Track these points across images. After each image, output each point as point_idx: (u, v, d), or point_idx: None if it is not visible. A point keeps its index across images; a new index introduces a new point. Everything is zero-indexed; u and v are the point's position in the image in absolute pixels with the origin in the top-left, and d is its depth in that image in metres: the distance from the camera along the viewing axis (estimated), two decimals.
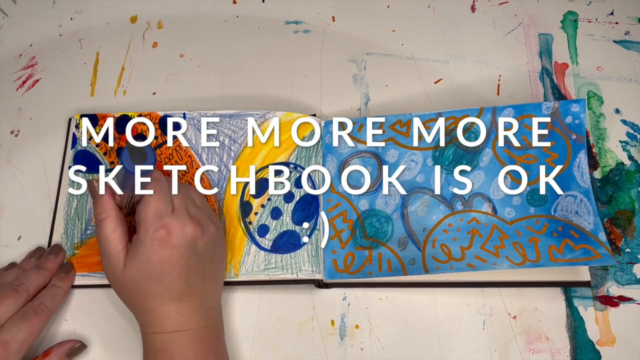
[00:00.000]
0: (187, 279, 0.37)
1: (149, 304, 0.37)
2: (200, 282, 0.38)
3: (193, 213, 0.38)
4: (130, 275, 0.37)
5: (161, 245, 0.36)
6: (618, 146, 0.48)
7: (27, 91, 0.54)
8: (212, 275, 0.40)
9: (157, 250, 0.36)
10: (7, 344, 0.37)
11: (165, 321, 0.37)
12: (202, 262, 0.38)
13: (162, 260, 0.36)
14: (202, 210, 0.40)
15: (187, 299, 0.37)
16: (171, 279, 0.37)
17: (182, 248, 0.37)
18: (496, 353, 0.42)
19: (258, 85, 0.53)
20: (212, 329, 0.39)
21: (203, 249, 0.38)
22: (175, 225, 0.36)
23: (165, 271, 0.36)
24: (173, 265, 0.36)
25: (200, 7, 0.58)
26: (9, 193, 0.49)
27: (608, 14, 0.55)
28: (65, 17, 0.58)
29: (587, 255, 0.40)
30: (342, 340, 0.43)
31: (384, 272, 0.43)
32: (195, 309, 0.38)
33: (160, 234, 0.36)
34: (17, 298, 0.39)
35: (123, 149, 0.32)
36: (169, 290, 0.37)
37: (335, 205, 0.46)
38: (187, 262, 0.37)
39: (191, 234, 0.37)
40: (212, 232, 0.39)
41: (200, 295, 0.38)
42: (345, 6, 0.57)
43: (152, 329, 0.37)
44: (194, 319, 0.37)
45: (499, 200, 0.45)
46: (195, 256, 0.37)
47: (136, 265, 0.36)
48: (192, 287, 0.38)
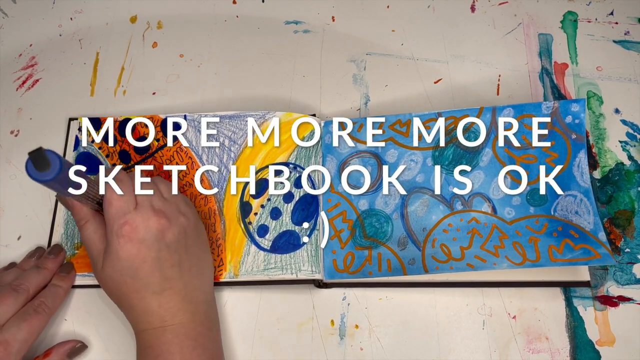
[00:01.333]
0: (162, 271, 0.37)
1: (130, 300, 0.37)
2: (177, 274, 0.38)
3: (158, 206, 0.38)
4: (107, 273, 0.37)
5: (127, 241, 0.36)
6: (618, 146, 0.48)
7: (27, 91, 0.54)
8: (191, 266, 0.39)
9: (124, 247, 0.36)
10: (8, 343, 0.37)
11: (148, 317, 0.37)
12: (176, 254, 0.38)
13: (131, 256, 0.36)
14: (170, 203, 0.39)
15: (167, 292, 0.37)
16: (143, 273, 0.37)
17: (148, 241, 0.36)
18: (496, 353, 0.42)
19: (258, 85, 0.53)
20: (199, 324, 0.38)
21: (173, 240, 0.38)
22: (138, 220, 0.36)
23: (135, 266, 0.36)
24: (143, 260, 0.36)
25: (200, 7, 0.58)
26: (9, 193, 0.49)
27: (608, 14, 0.55)
28: (65, 17, 0.58)
29: (586, 255, 0.40)
30: (341, 340, 0.43)
31: (384, 272, 0.43)
32: (177, 303, 0.38)
33: (125, 230, 0.36)
34: (17, 298, 0.39)
35: (27, 161, 0.31)
36: (146, 284, 0.37)
37: (335, 205, 0.46)
38: (156, 254, 0.37)
39: (156, 227, 0.37)
40: (182, 223, 0.39)
41: (182, 288, 0.38)
42: (345, 6, 0.57)
43: (140, 326, 0.38)
44: (177, 312, 0.37)
45: (499, 200, 0.45)
46: (165, 248, 0.37)
47: (109, 264, 0.37)
48: (170, 280, 0.38)
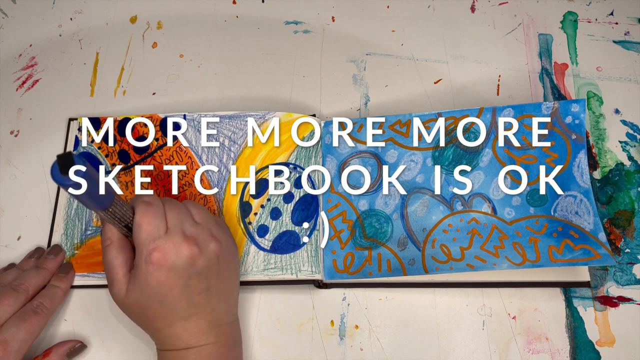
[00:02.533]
0: (190, 298, 0.36)
1: (156, 325, 0.37)
2: (205, 300, 0.37)
3: (189, 232, 0.37)
4: (132, 299, 0.36)
5: (156, 268, 0.35)
6: (618, 146, 0.48)
7: (27, 91, 0.54)
8: (219, 292, 0.38)
9: (153, 274, 0.35)
10: (7, 343, 0.37)
11: (174, 340, 0.37)
12: (206, 281, 0.37)
13: (160, 283, 0.35)
14: (202, 227, 0.38)
15: (193, 317, 0.37)
16: (172, 300, 0.36)
17: (178, 269, 0.36)
18: (496, 353, 0.42)
19: (258, 85, 0.53)
20: (222, 345, 0.38)
21: (204, 267, 0.37)
22: (168, 247, 0.35)
23: (164, 293, 0.36)
24: (171, 287, 0.36)
25: (200, 7, 0.58)
26: (9, 193, 0.49)
27: (608, 14, 0.55)
28: (65, 17, 0.58)
29: (586, 256, 0.40)
30: (341, 340, 0.43)
31: (384, 273, 0.43)
32: (203, 328, 0.37)
33: (155, 257, 0.35)
34: (16, 298, 0.39)
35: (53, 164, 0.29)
36: (173, 311, 0.36)
37: (335, 206, 0.46)
38: (186, 282, 0.36)
39: (187, 255, 0.36)
40: (213, 249, 0.37)
41: (208, 313, 0.38)
42: (345, 6, 0.57)
43: (163, 347, 0.37)
44: (202, 337, 0.37)
45: (499, 201, 0.45)
46: (195, 276, 0.36)
47: (136, 289, 0.36)
48: (198, 307, 0.37)
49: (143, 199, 0.37)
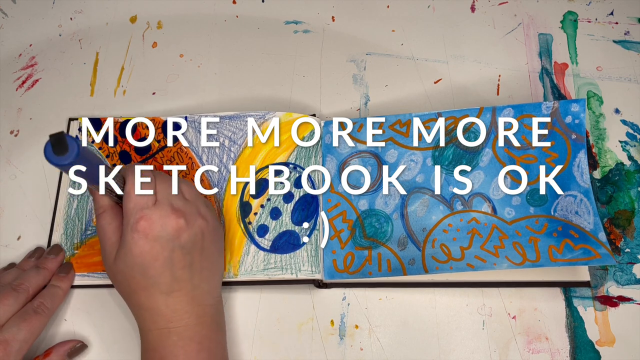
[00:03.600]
0: (172, 272, 0.37)
1: (139, 298, 0.37)
2: (188, 276, 0.37)
3: (177, 205, 0.37)
4: (118, 266, 0.37)
5: (141, 237, 0.36)
6: (618, 146, 0.48)
7: (27, 91, 0.54)
8: (202, 270, 0.39)
9: (138, 242, 0.36)
10: (7, 343, 0.37)
11: (155, 316, 0.37)
12: (189, 256, 0.37)
13: (143, 252, 0.36)
14: (191, 204, 0.38)
15: (175, 293, 0.37)
16: (154, 271, 0.36)
17: (163, 240, 0.36)
18: (496, 353, 0.42)
19: (258, 85, 0.53)
20: (205, 327, 0.38)
21: (188, 242, 0.37)
22: (155, 217, 0.36)
23: (147, 264, 0.36)
24: (155, 258, 0.36)
25: (200, 7, 0.58)
26: (9, 193, 0.49)
27: (608, 14, 0.55)
28: (65, 17, 0.58)
29: (586, 255, 0.40)
30: (341, 340, 0.43)
31: (384, 272, 0.43)
32: (185, 305, 0.37)
33: (140, 226, 0.35)
34: (17, 298, 0.39)
35: (46, 144, 0.30)
36: (155, 283, 0.36)
37: (334, 205, 0.46)
38: (169, 254, 0.36)
39: (172, 227, 0.36)
40: (200, 225, 0.38)
41: (190, 290, 0.38)
42: (345, 6, 0.57)
43: (145, 326, 0.37)
44: (183, 315, 0.37)
45: (499, 200, 0.45)
46: (179, 249, 0.37)
47: (122, 257, 0.36)
48: (180, 282, 0.37)
49: (134, 169, 0.37)
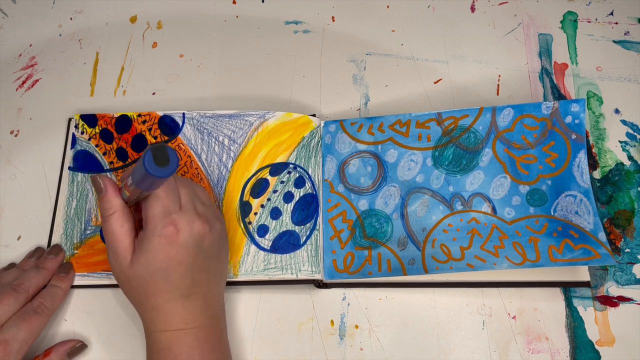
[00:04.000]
0: (193, 276, 0.37)
1: (155, 301, 0.37)
2: (205, 279, 0.38)
3: (200, 210, 0.38)
4: (136, 271, 0.36)
5: (169, 242, 0.36)
6: (617, 146, 0.48)
7: (27, 91, 0.54)
8: (217, 273, 0.39)
9: (165, 247, 0.36)
10: (7, 343, 0.37)
11: (170, 319, 0.37)
12: (208, 260, 0.38)
13: (169, 257, 0.36)
14: (209, 208, 0.39)
15: (193, 296, 0.37)
16: (177, 276, 0.36)
17: (189, 245, 0.36)
18: (496, 353, 0.42)
19: (258, 85, 0.53)
20: (216, 328, 0.39)
21: (210, 246, 0.38)
22: (183, 222, 0.36)
23: (171, 268, 0.36)
24: (179, 263, 0.36)
25: (200, 7, 0.58)
26: (9, 193, 0.49)
27: (608, 14, 0.55)
28: (65, 17, 0.58)
29: (586, 255, 0.40)
30: (341, 340, 0.43)
31: (384, 272, 0.43)
32: (200, 307, 0.38)
33: (168, 231, 0.36)
34: (17, 298, 0.39)
35: (146, 152, 0.31)
36: (176, 287, 0.37)
37: (334, 206, 0.46)
38: (193, 259, 0.37)
39: (199, 231, 0.37)
40: (218, 229, 0.39)
41: (206, 292, 0.38)
42: (345, 6, 0.57)
43: (157, 327, 0.37)
44: (199, 317, 0.37)
45: (499, 200, 0.45)
46: (201, 253, 0.37)
47: (142, 262, 0.36)
48: (198, 285, 0.38)
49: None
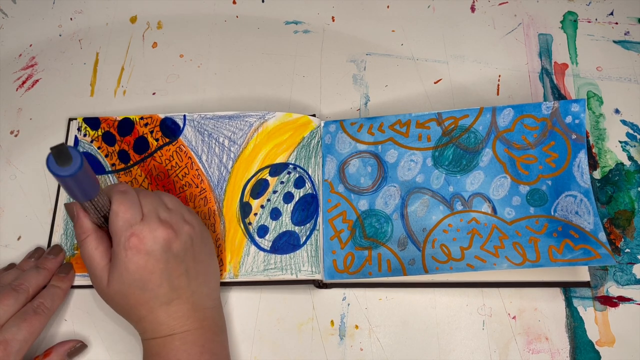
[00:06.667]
0: (170, 282, 0.37)
1: (139, 312, 0.37)
2: (185, 283, 0.38)
3: (164, 217, 0.38)
4: (114, 288, 0.37)
5: (135, 253, 0.36)
6: (618, 146, 0.48)
7: (27, 91, 0.54)
8: (198, 274, 0.39)
9: (132, 259, 0.36)
10: (7, 343, 0.37)
11: (157, 327, 0.37)
12: (183, 263, 0.38)
13: (140, 268, 0.36)
14: (175, 213, 0.39)
15: (175, 302, 0.37)
16: (153, 284, 0.37)
17: (156, 253, 0.36)
18: (496, 353, 0.42)
19: (258, 85, 0.53)
20: (207, 330, 0.38)
21: (181, 250, 0.38)
22: (145, 231, 0.36)
23: (145, 278, 0.36)
24: (151, 271, 0.36)
25: (200, 7, 0.58)
26: (9, 193, 0.49)
27: (608, 14, 0.55)
28: (65, 17, 0.58)
29: (587, 256, 0.40)
30: (341, 340, 0.43)
31: (384, 273, 0.43)
32: (186, 312, 0.38)
33: (132, 242, 0.36)
34: (17, 298, 0.39)
35: (48, 155, 0.31)
36: (155, 296, 0.37)
37: (334, 206, 0.46)
38: (165, 265, 0.37)
39: (163, 238, 0.37)
40: (188, 231, 0.38)
41: (190, 296, 0.38)
42: (345, 6, 0.57)
43: (146, 336, 0.38)
44: (186, 321, 0.37)
45: (499, 200, 0.45)
46: (173, 259, 0.37)
47: (117, 278, 0.37)
48: (178, 290, 0.38)
49: (118, 188, 0.38)
